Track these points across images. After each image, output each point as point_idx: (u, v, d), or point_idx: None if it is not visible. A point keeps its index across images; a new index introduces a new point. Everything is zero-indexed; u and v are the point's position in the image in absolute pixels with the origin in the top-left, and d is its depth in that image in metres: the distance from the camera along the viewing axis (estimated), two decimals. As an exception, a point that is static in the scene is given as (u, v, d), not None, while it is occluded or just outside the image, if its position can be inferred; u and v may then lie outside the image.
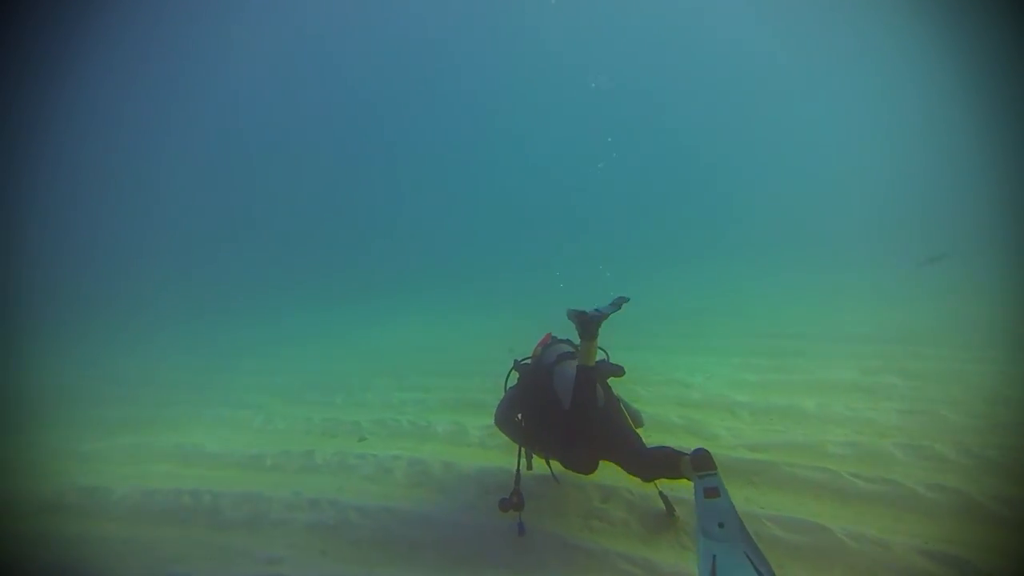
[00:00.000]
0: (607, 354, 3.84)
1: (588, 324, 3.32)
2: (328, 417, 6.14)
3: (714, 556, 2.35)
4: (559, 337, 3.96)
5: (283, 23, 32.23)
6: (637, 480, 3.18)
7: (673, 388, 5.84)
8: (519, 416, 3.65)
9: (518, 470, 3.48)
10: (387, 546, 3.36)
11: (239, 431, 6.11)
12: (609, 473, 3.40)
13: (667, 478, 2.96)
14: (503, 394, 3.84)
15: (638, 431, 3.37)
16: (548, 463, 3.60)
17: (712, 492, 2.54)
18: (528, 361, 3.87)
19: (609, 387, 3.53)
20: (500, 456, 4.53)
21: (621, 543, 3.09)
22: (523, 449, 3.62)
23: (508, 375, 3.90)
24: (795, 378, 5.66)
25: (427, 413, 6.02)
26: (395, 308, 17.37)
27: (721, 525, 2.43)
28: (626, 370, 3.47)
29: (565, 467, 3.29)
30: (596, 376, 3.30)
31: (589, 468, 3.25)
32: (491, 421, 5.35)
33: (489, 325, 12.65)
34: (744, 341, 7.65)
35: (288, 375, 8.88)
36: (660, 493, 3.35)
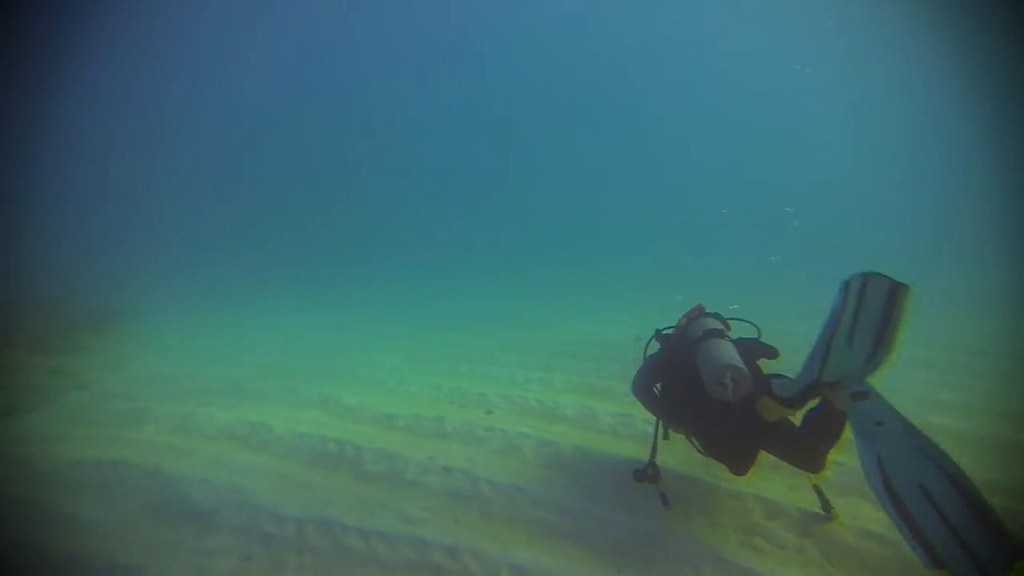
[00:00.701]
0: (758, 330, 3.47)
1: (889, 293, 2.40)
2: (455, 386, 6.24)
3: (878, 456, 2.20)
4: (708, 310, 3.61)
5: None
6: (808, 499, 2.75)
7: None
8: (657, 386, 3.53)
9: (655, 441, 3.37)
10: (521, 526, 3.22)
11: (374, 389, 6.44)
12: (770, 484, 2.93)
13: (837, 438, 2.73)
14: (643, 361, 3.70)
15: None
16: (690, 440, 3.35)
17: (862, 395, 2.35)
18: (670, 330, 3.67)
19: (759, 369, 3.16)
20: (636, 447, 4.20)
21: (796, 571, 2.62)
22: (660, 421, 3.44)
23: (648, 343, 3.74)
24: None
25: (553, 393, 5.85)
26: (510, 286, 17.52)
27: (879, 424, 2.28)
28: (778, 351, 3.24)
29: (708, 454, 3.09)
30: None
31: (742, 466, 2.92)
32: (622, 409, 5.08)
33: (606, 310, 12.19)
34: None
35: (417, 341, 9.29)
36: (814, 486, 3.05)
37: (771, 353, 3.33)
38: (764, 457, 3.08)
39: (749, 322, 3.54)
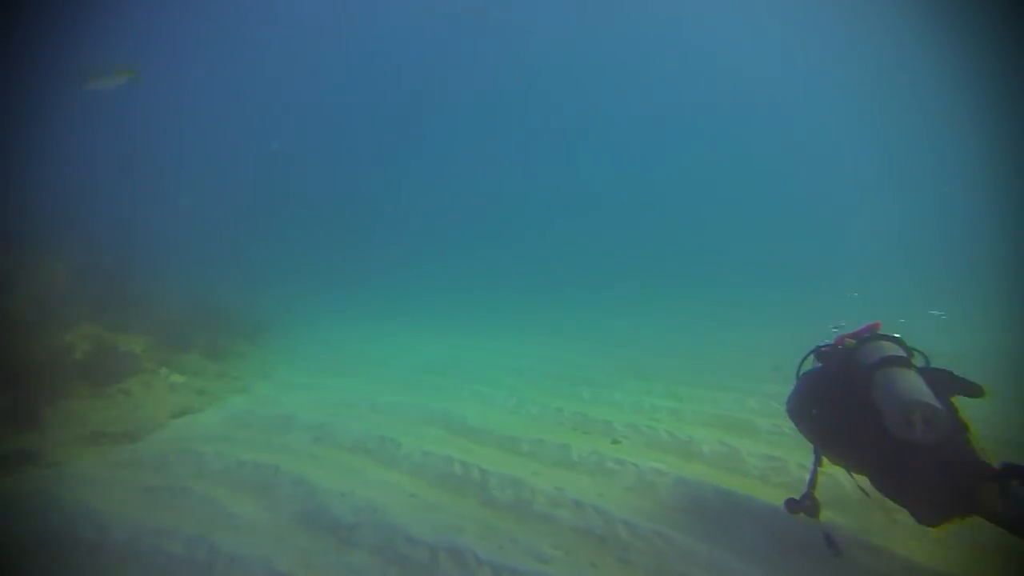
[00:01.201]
0: (926, 359, 2.92)
1: None
2: (577, 411, 6.00)
3: None
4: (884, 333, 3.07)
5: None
6: None
7: None
8: (814, 411, 3.11)
9: (814, 471, 3.10)
10: (666, 580, 2.89)
11: (494, 409, 6.42)
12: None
13: None
14: (796, 379, 3.36)
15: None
16: (851, 475, 2.97)
17: None
18: (828, 347, 3.22)
19: (955, 409, 2.64)
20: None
21: None
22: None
23: (803, 360, 3.35)
24: None
25: (685, 425, 5.38)
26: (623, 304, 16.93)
27: None
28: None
29: (884, 495, 2.71)
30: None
31: (932, 518, 2.43)
32: (770, 451, 4.49)
33: (726, 332, 11.19)
34: None
35: (529, 359, 9.21)
36: None
37: (973, 390, 2.73)
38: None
39: (916, 350, 2.94)
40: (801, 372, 3.36)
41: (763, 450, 4.47)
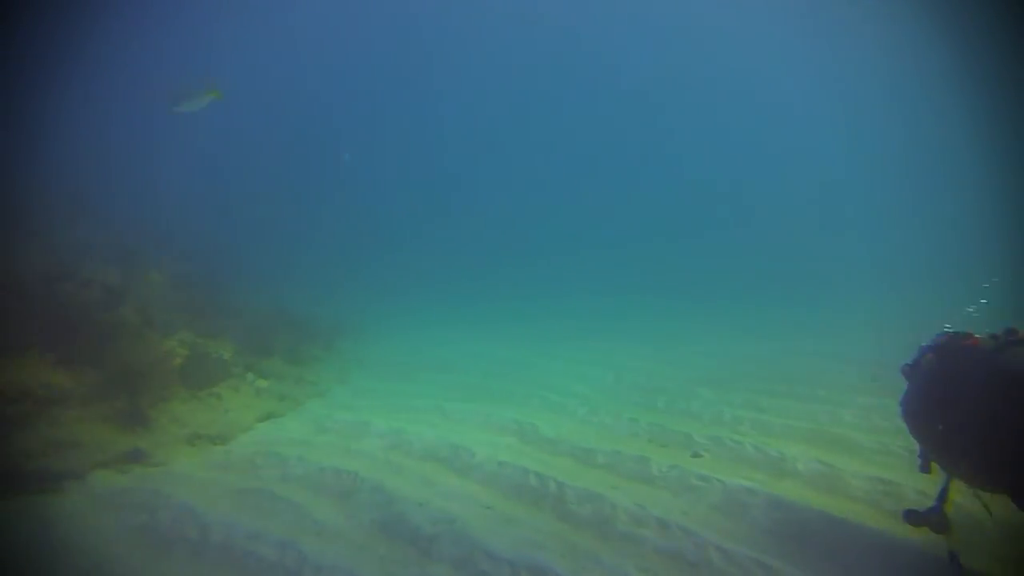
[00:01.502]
0: None
1: None
2: (654, 422, 5.75)
3: None
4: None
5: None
6: None
7: None
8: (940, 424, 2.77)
9: (947, 484, 2.81)
10: (770, 616, 2.64)
11: (565, 418, 6.29)
12: None
13: None
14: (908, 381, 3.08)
15: None
16: (977, 495, 2.71)
17: None
18: (945, 339, 2.87)
19: None
20: (912, 529, 3.25)
21: None
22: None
23: (917, 359, 3.02)
24: None
25: (773, 440, 5.00)
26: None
27: None
28: None
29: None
30: None
31: None
32: (879, 472, 4.07)
33: (805, 339, 10.39)
34: None
35: (594, 366, 8.99)
36: None
37: None
38: None
39: None
40: (912, 372, 3.04)
41: (870, 471, 4.05)
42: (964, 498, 2.99)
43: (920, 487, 3.64)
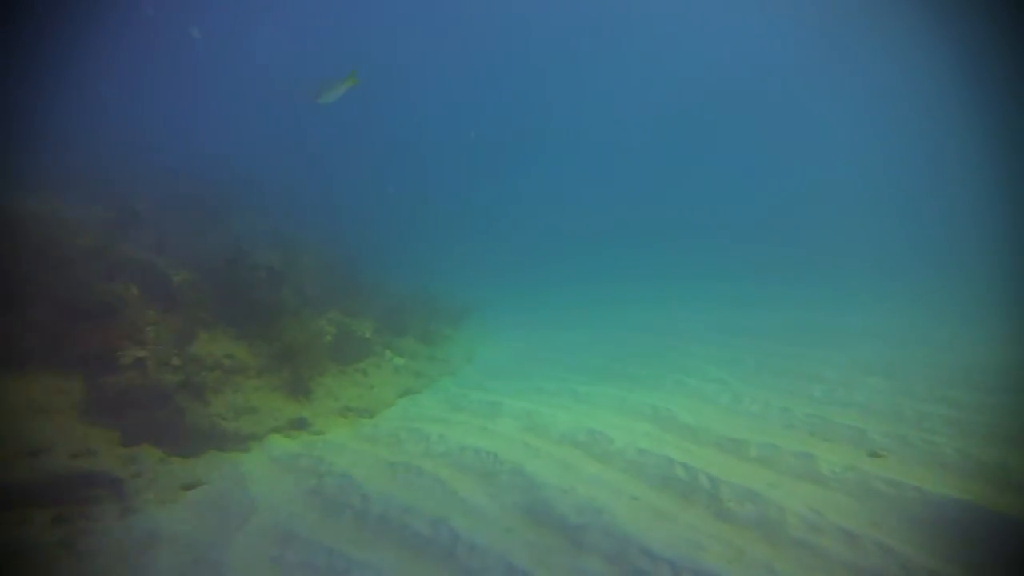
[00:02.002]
0: None
1: None
2: (811, 413, 5.10)
3: None
4: None
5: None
6: None
7: None
8: None
9: None
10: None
11: (705, 404, 5.83)
12: None
13: None
14: None
15: None
16: None
17: None
18: None
19: None
20: None
21: None
22: None
23: None
24: None
25: (979, 443, 4.14)
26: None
27: None
28: None
29: None
30: None
31: None
32: None
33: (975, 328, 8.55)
34: None
35: (733, 349, 8.26)
36: None
37: None
38: None
39: None
40: None
41: None
42: None
43: None
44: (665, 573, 2.88)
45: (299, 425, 5.42)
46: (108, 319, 4.98)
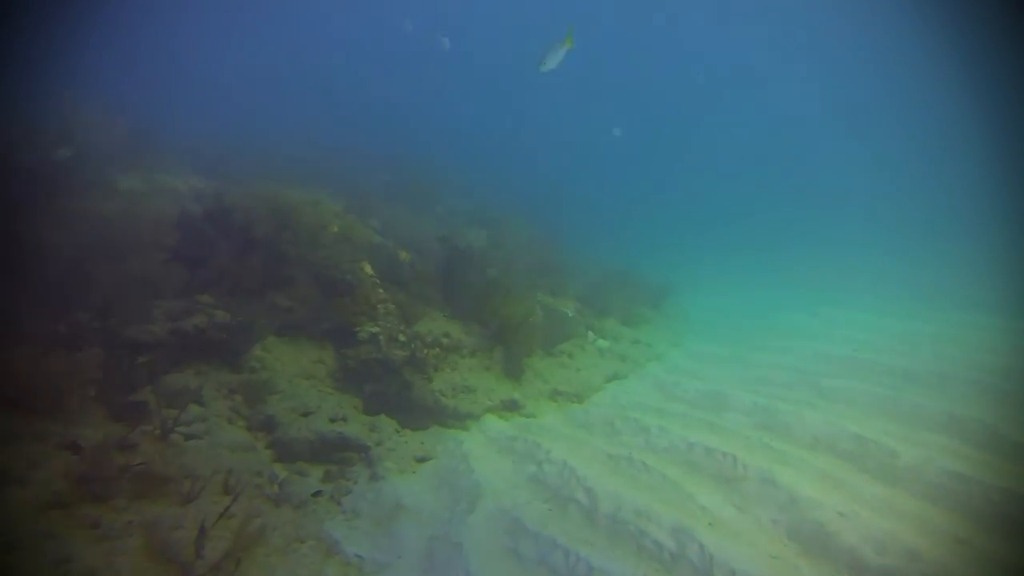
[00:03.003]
0: None
1: None
2: None
3: None
4: None
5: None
6: None
7: None
8: None
9: None
10: None
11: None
12: None
13: None
14: None
15: None
16: None
17: None
18: None
19: None
20: None
21: None
22: None
23: None
24: None
25: None
26: None
27: None
28: None
29: None
30: None
31: None
32: None
33: None
34: None
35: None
36: None
37: None
38: None
39: None
40: None
41: None
42: None
43: None
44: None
45: (511, 406, 5.42)
46: (348, 296, 5.56)
